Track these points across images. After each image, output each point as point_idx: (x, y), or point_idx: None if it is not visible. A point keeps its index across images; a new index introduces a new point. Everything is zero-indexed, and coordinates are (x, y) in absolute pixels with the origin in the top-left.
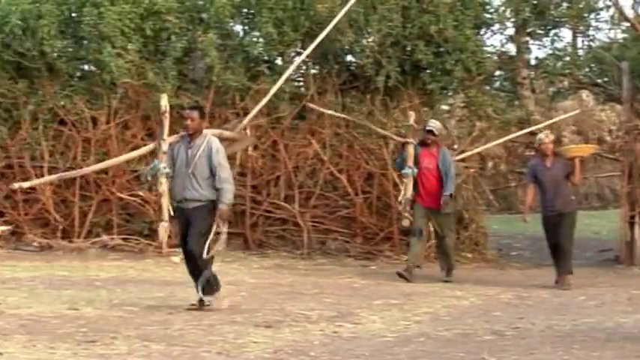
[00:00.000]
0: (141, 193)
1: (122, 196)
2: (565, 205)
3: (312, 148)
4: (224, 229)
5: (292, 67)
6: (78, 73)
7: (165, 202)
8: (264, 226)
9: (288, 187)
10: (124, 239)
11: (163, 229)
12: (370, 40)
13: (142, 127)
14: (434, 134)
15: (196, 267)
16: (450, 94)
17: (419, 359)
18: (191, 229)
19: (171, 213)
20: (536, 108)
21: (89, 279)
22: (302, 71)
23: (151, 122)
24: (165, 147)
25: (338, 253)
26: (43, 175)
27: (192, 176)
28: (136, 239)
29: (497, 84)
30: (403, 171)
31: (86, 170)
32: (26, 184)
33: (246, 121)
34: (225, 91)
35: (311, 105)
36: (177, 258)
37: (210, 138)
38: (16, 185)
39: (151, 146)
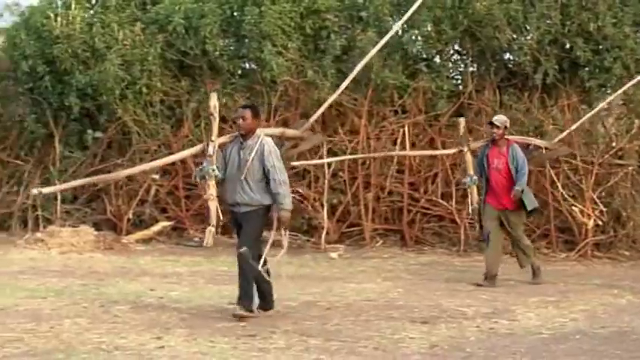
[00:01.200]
0: (300, 190)
1: None
2: None
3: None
4: (285, 237)
5: (349, 77)
6: (239, 71)
7: (214, 206)
8: (421, 223)
9: (445, 184)
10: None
11: (210, 233)
12: (529, 37)
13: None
14: (497, 126)
15: (241, 272)
16: (608, 91)
17: (575, 356)
18: (242, 235)
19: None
20: None
21: None
22: (460, 69)
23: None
24: (211, 149)
25: None
26: None
27: (244, 179)
28: (295, 235)
29: None
30: (463, 180)
31: (124, 173)
32: (46, 190)
33: (312, 119)
34: (383, 89)
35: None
36: (335, 254)
37: (263, 139)
38: (35, 191)
39: (199, 147)
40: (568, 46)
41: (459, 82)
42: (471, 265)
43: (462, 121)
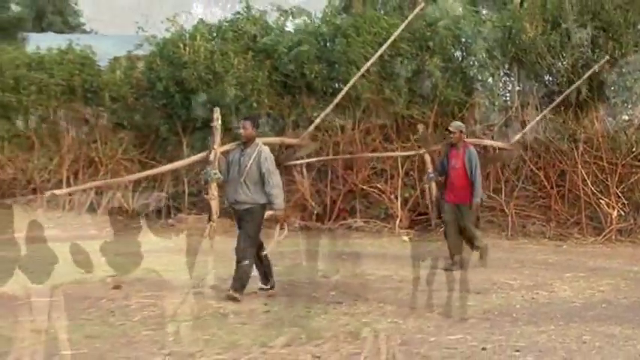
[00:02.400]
0: (379, 185)
1: (364, 187)
2: None
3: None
4: (281, 232)
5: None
6: (330, 90)
7: (215, 204)
8: (476, 213)
9: (496, 181)
10: (364, 222)
11: (212, 228)
12: (565, 63)
13: (380, 132)
14: (452, 132)
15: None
16: (629, 106)
17: (602, 321)
18: (241, 231)
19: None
20: None
21: (340, 253)
22: (509, 88)
23: (386, 129)
24: (212, 156)
25: (536, 235)
26: (301, 171)
27: (243, 181)
28: (374, 222)
29: None
30: (424, 177)
31: (128, 179)
32: (58, 192)
33: (310, 128)
34: (446, 104)
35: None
36: (407, 237)
37: (261, 147)
38: (47, 193)
39: (203, 154)
40: (597, 69)
41: (508, 98)
42: (517, 247)
43: (420, 127)
